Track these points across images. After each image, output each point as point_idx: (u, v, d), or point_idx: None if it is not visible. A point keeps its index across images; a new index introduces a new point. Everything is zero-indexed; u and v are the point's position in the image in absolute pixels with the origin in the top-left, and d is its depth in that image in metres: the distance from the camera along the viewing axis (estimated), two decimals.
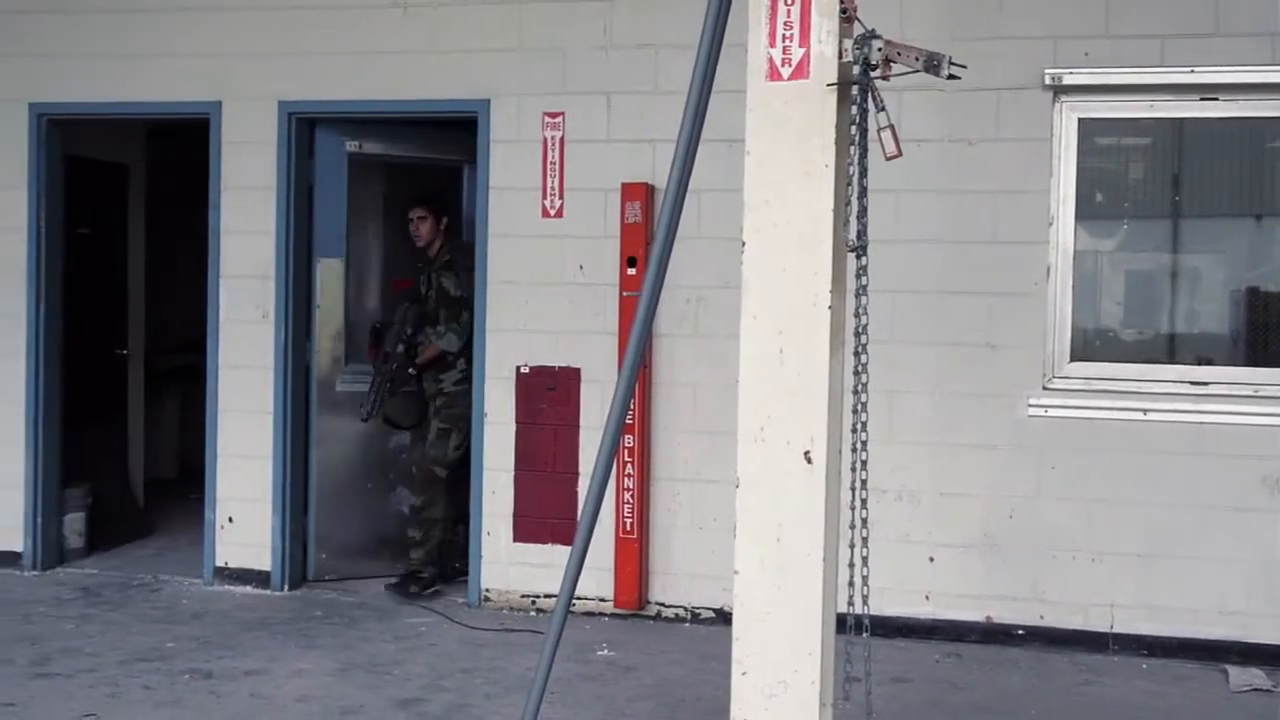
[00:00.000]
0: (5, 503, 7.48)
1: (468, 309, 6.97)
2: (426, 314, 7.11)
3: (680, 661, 5.98)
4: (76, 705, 5.20)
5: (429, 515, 7.04)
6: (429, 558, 7.04)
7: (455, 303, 7.03)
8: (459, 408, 7.03)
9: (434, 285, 7.10)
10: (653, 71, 6.59)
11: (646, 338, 3.85)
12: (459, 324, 7.01)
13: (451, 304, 7.04)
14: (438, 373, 7.09)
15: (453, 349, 7.03)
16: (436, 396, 7.10)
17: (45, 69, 7.42)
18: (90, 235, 8.14)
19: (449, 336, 7.02)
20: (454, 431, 7.05)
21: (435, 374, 7.09)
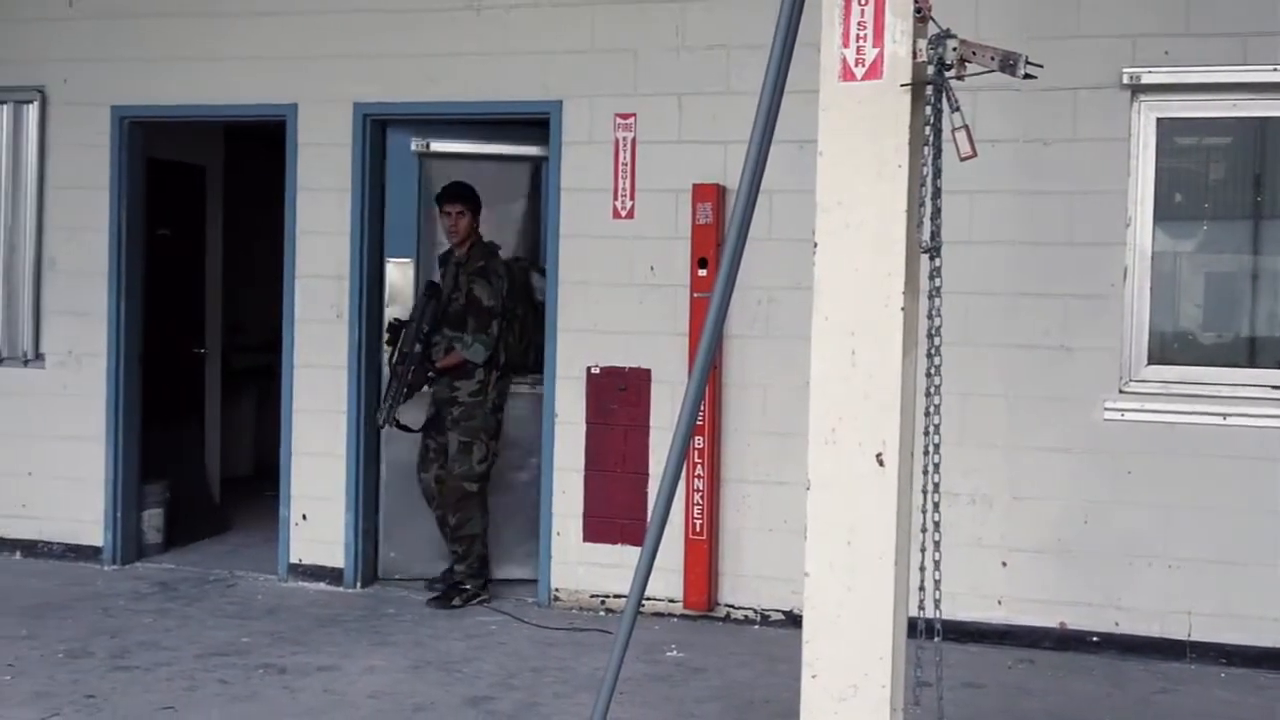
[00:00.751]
0: (87, 498, 7.63)
1: (498, 319, 6.83)
2: (449, 316, 6.86)
3: (749, 663, 5.96)
4: (154, 698, 5.29)
5: (468, 532, 6.86)
6: (471, 570, 6.89)
7: (487, 313, 6.80)
8: (478, 419, 6.84)
9: (464, 289, 6.83)
10: (724, 72, 6.58)
11: (717, 339, 3.85)
12: (487, 334, 6.80)
13: (483, 314, 6.80)
14: (453, 379, 6.86)
15: (478, 360, 6.80)
16: (451, 405, 6.87)
17: (127, 72, 7.55)
18: (169, 236, 8.28)
19: (476, 347, 6.79)
20: (476, 444, 6.84)
21: (450, 380, 6.87)
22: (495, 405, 6.92)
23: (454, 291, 6.89)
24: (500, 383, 6.94)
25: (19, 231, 7.74)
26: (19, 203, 7.74)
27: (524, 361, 7.04)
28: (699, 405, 3.79)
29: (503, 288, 6.85)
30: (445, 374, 6.86)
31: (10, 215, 7.76)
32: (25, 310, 7.74)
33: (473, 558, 6.89)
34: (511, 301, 6.93)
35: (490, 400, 6.88)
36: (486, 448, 6.89)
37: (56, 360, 7.72)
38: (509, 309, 6.90)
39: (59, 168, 7.69)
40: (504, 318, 6.86)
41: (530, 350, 7.03)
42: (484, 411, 6.86)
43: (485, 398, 6.86)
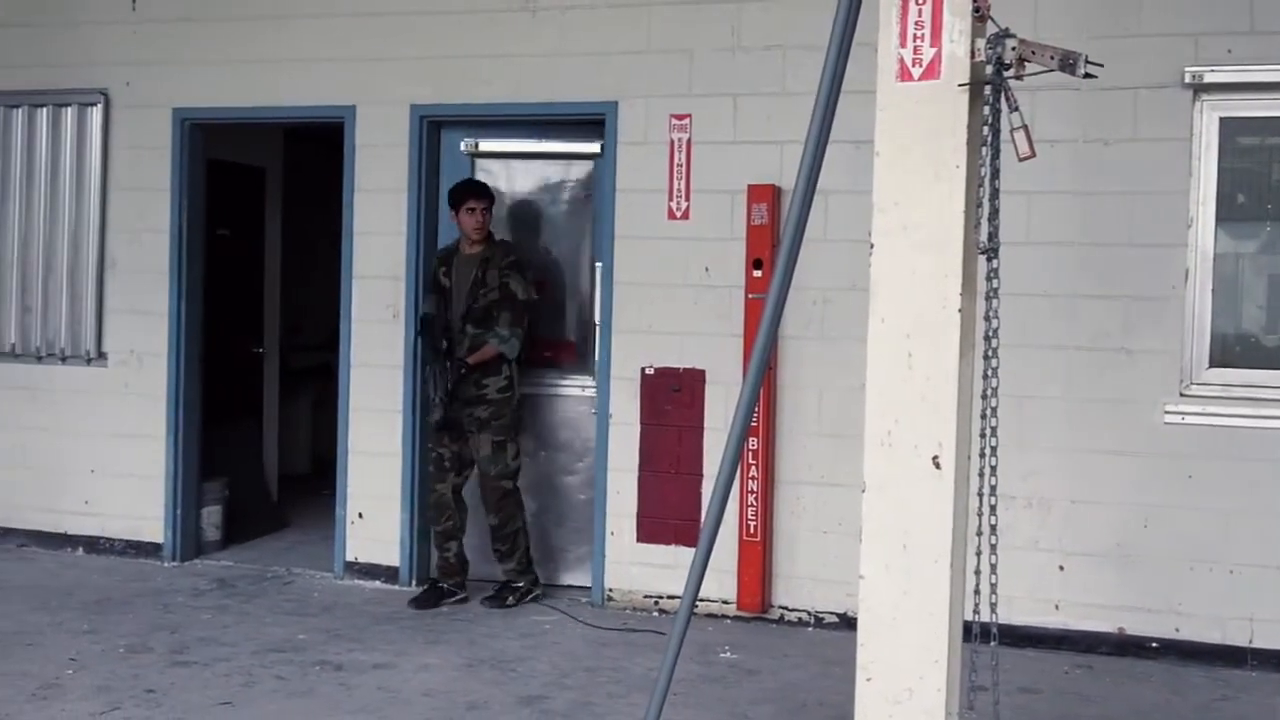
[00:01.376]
0: (148, 495, 7.73)
1: (531, 314, 6.84)
2: (474, 312, 6.74)
3: (803, 666, 5.94)
4: (213, 693, 5.35)
5: (510, 530, 6.84)
6: (521, 567, 6.88)
7: (523, 306, 6.77)
8: (507, 416, 6.80)
9: (494, 284, 6.72)
10: (780, 72, 6.57)
11: (772, 340, 3.83)
12: (523, 329, 6.78)
13: (518, 308, 6.75)
14: (481, 377, 6.75)
15: (513, 355, 6.76)
16: (478, 404, 6.76)
17: (188, 75, 7.65)
18: (229, 236, 8.38)
19: (513, 342, 6.74)
20: (509, 442, 6.81)
21: (478, 377, 6.76)
22: (519, 401, 6.90)
23: (480, 288, 6.76)
24: (520, 378, 6.91)
25: (82, 232, 7.86)
26: (83, 204, 7.86)
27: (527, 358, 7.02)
28: (754, 406, 3.78)
29: (530, 281, 6.83)
30: (473, 371, 6.75)
31: (74, 216, 7.88)
32: (88, 310, 7.86)
33: (519, 553, 6.89)
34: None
35: (517, 396, 6.86)
36: (517, 445, 6.89)
37: (118, 359, 7.83)
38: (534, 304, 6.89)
39: (121, 169, 7.80)
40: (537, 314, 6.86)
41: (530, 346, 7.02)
42: (512, 409, 6.83)
43: (513, 394, 6.82)
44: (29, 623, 6.32)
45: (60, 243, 7.91)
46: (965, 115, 3.42)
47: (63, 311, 7.92)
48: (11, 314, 8.03)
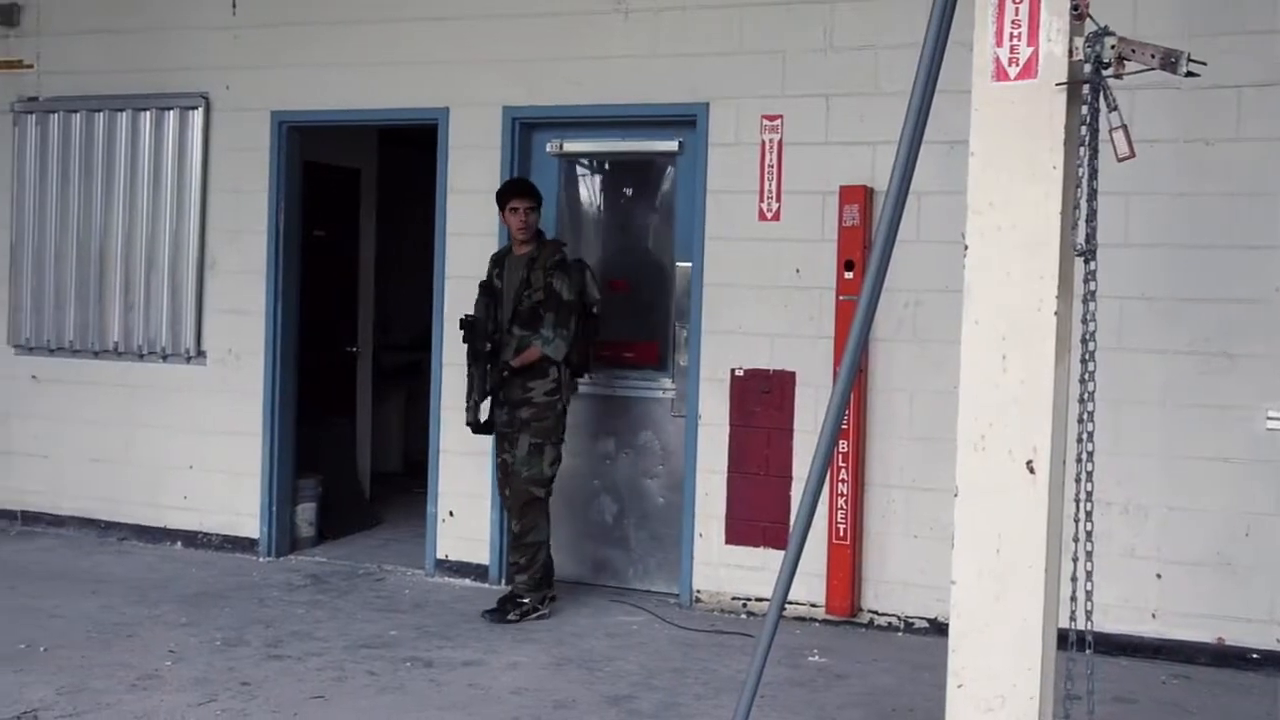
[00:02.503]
0: (244, 491, 7.87)
1: (577, 314, 6.57)
2: (520, 314, 6.58)
3: (892, 670, 5.89)
4: (306, 687, 5.43)
5: (531, 540, 6.59)
6: (533, 583, 6.60)
7: (567, 307, 6.53)
8: (549, 420, 6.58)
9: (538, 285, 6.54)
10: (873, 72, 6.52)
11: (864, 342, 3.81)
12: (568, 330, 6.53)
13: (563, 308, 6.52)
14: (527, 379, 6.57)
15: (558, 356, 6.53)
16: (522, 406, 6.58)
17: (286, 78, 7.78)
18: (324, 237, 8.51)
19: (557, 343, 6.51)
20: (547, 446, 6.58)
21: (524, 380, 6.57)
22: (564, 408, 6.66)
23: (525, 289, 6.60)
24: (571, 384, 6.73)
25: (183, 233, 8.03)
26: (184, 205, 8.03)
27: (583, 366, 6.80)
28: (845, 409, 3.76)
29: (580, 283, 6.62)
30: (519, 373, 6.59)
31: (175, 217, 8.05)
32: (188, 309, 8.02)
33: (536, 568, 6.63)
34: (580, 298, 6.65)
35: (563, 401, 6.64)
36: (556, 451, 6.65)
37: (217, 358, 7.98)
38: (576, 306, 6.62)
39: (221, 171, 7.95)
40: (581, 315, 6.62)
41: (590, 352, 6.80)
42: (555, 413, 6.60)
43: (559, 398, 6.60)
44: (129, 615, 6.47)
45: (162, 243, 8.08)
46: (1063, 115, 3.37)
47: (164, 311, 8.09)
48: (115, 313, 8.23)
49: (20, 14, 8.44)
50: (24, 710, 5.01)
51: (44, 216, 8.42)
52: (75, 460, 8.35)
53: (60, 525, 8.37)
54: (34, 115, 8.42)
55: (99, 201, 8.27)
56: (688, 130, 6.97)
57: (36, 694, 5.21)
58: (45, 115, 8.39)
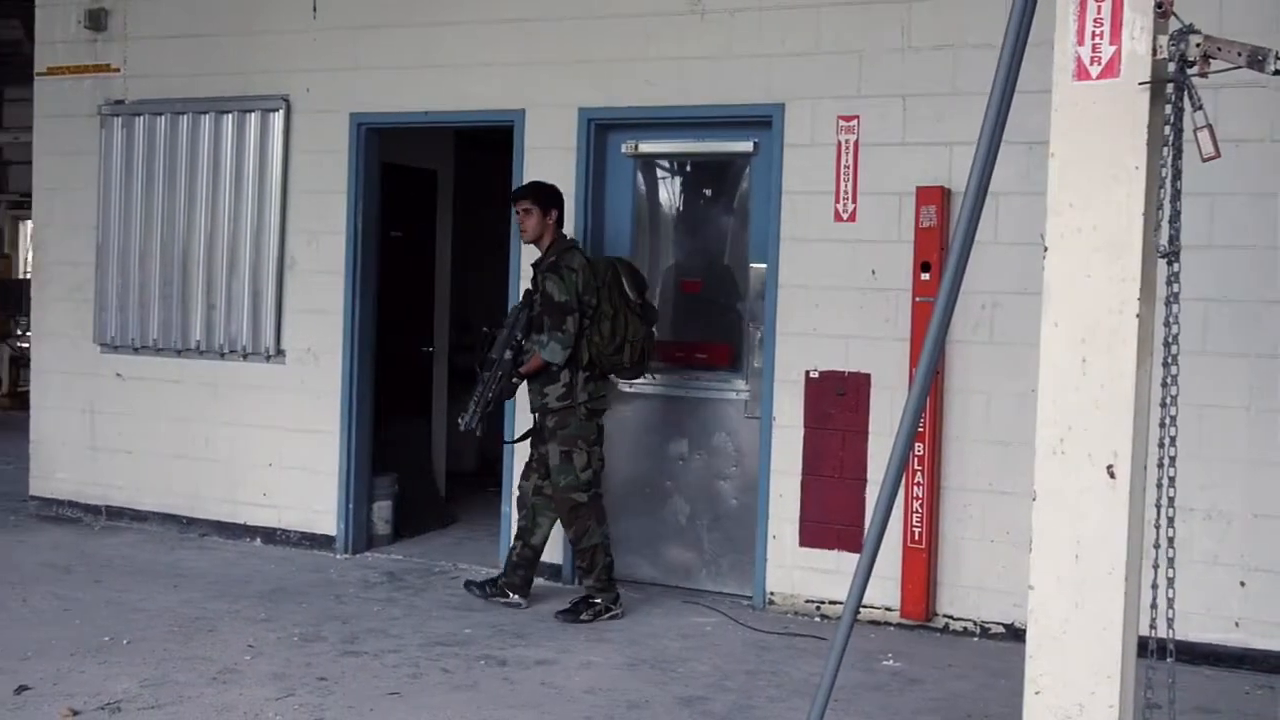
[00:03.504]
0: (322, 489, 7.97)
1: (574, 315, 6.46)
2: (533, 321, 6.59)
3: (967, 676, 5.83)
4: (382, 683, 5.48)
5: (587, 544, 6.60)
6: (601, 584, 6.62)
7: (560, 309, 6.43)
8: (572, 425, 6.53)
9: (538, 288, 6.57)
10: (951, 72, 6.46)
11: (941, 344, 3.77)
12: (563, 332, 6.42)
13: (555, 310, 6.43)
14: (542, 385, 6.56)
15: (555, 360, 6.44)
16: (545, 414, 6.58)
17: (364, 81, 7.87)
18: (401, 238, 8.58)
19: (551, 346, 6.42)
20: (575, 452, 6.54)
21: (540, 386, 6.57)
22: (590, 410, 6.57)
23: (533, 294, 6.64)
24: (590, 385, 6.57)
25: (264, 233, 8.14)
26: (264, 206, 8.14)
27: (619, 363, 6.59)
28: (921, 411, 3.72)
29: (577, 282, 6.47)
30: (530, 379, 6.60)
31: (256, 218, 8.16)
32: (268, 309, 8.13)
33: (599, 569, 6.62)
34: (594, 298, 6.51)
35: (581, 404, 6.54)
36: (588, 455, 6.58)
37: (296, 356, 8.09)
38: (589, 305, 6.50)
39: (301, 173, 8.06)
40: (583, 314, 6.48)
41: (627, 351, 6.58)
42: (577, 417, 6.54)
43: (574, 401, 6.53)
44: (209, 609, 6.57)
45: (243, 244, 8.20)
46: (1146, 115, 3.32)
47: (245, 310, 8.21)
48: (198, 312, 8.36)
49: (108, 19, 8.61)
50: (108, 701, 5.11)
51: (129, 218, 8.59)
52: (158, 457, 8.50)
53: (143, 520, 8.52)
54: (120, 118, 8.59)
55: (182, 203, 8.41)
56: (763, 131, 6.96)
57: (120, 685, 5.31)
58: (131, 118, 8.55)
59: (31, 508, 8.92)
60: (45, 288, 9.04)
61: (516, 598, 6.79)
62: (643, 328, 6.64)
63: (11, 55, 15.35)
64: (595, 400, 6.61)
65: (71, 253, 8.82)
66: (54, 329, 8.95)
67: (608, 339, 6.51)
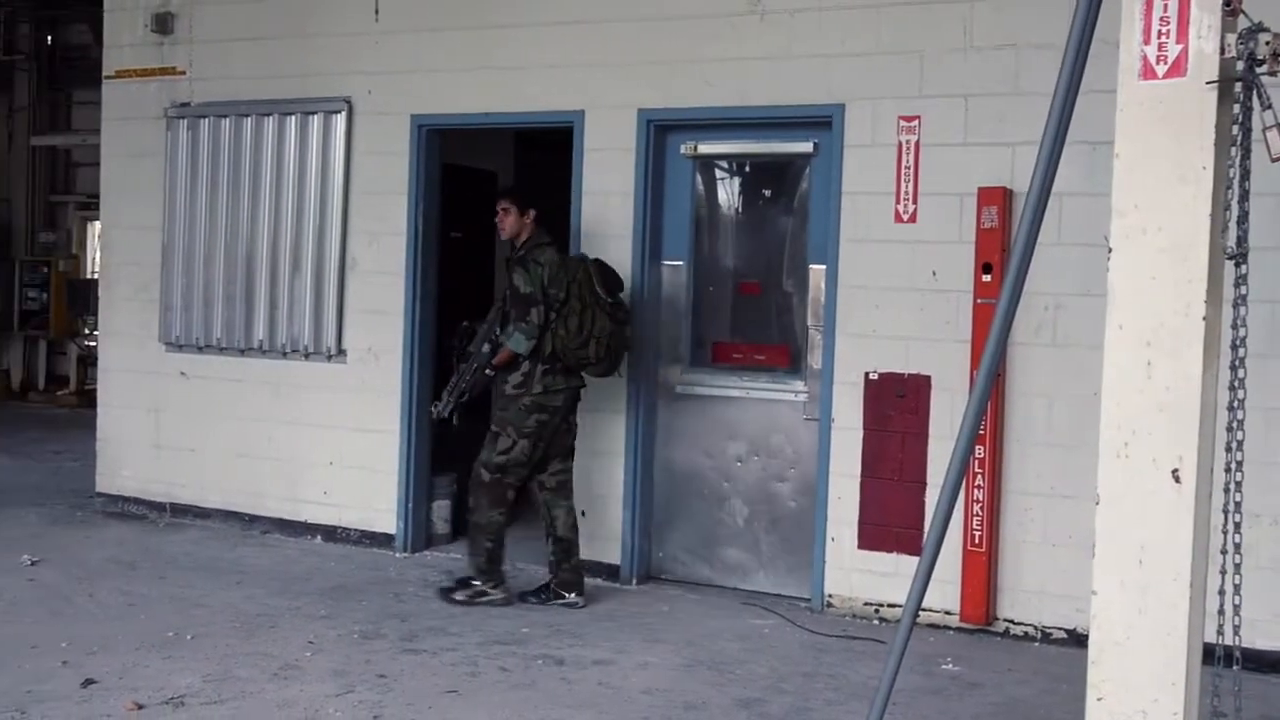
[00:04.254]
0: (382, 488, 8.03)
1: (538, 306, 6.59)
2: (505, 313, 6.80)
3: (1028, 681, 5.78)
4: (440, 681, 5.52)
5: (475, 520, 6.81)
6: (480, 566, 6.79)
7: (524, 300, 6.61)
8: (511, 411, 6.70)
9: (510, 282, 6.77)
10: (1013, 72, 6.41)
11: (1003, 346, 3.74)
12: (527, 323, 6.58)
13: (520, 301, 6.62)
14: (506, 374, 6.75)
15: (520, 349, 6.61)
16: (500, 397, 6.81)
17: (425, 82, 7.92)
18: (461, 238, 8.63)
19: (516, 336, 6.61)
20: (502, 435, 6.71)
21: (505, 375, 6.76)
22: (536, 404, 6.68)
23: (507, 289, 6.82)
24: (547, 378, 6.69)
25: (326, 234, 8.22)
26: (327, 207, 8.22)
27: (584, 358, 6.67)
28: (982, 414, 3.70)
29: (543, 275, 6.62)
30: (506, 371, 6.75)
31: (319, 219, 8.24)
32: (330, 309, 8.21)
33: (478, 551, 6.79)
34: (562, 292, 6.63)
35: (531, 395, 6.67)
36: (513, 442, 6.70)
37: (356, 356, 8.15)
38: (556, 298, 6.62)
39: (362, 174, 8.13)
40: (549, 307, 6.61)
41: (592, 346, 6.64)
42: (519, 406, 6.68)
43: (525, 391, 6.67)
44: (271, 606, 6.64)
45: (306, 244, 8.29)
46: (1213, 114, 3.27)
47: (307, 310, 8.29)
48: (260, 312, 8.46)
49: (174, 22, 8.72)
50: (172, 696, 5.18)
51: (194, 218, 8.70)
52: (221, 455, 8.60)
53: (206, 517, 8.63)
54: (185, 120, 8.70)
55: (245, 204, 8.51)
56: (823, 131, 6.93)
57: (184, 680, 5.38)
58: (196, 120, 8.67)
59: (98, 504, 9.06)
60: (112, 288, 9.18)
61: (573, 596, 6.84)
62: (610, 325, 6.70)
63: (80, 59, 15.63)
64: (548, 395, 6.71)
65: (137, 253, 8.95)
66: (120, 328, 9.09)
67: (573, 333, 6.60)
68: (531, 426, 6.71)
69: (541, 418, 6.72)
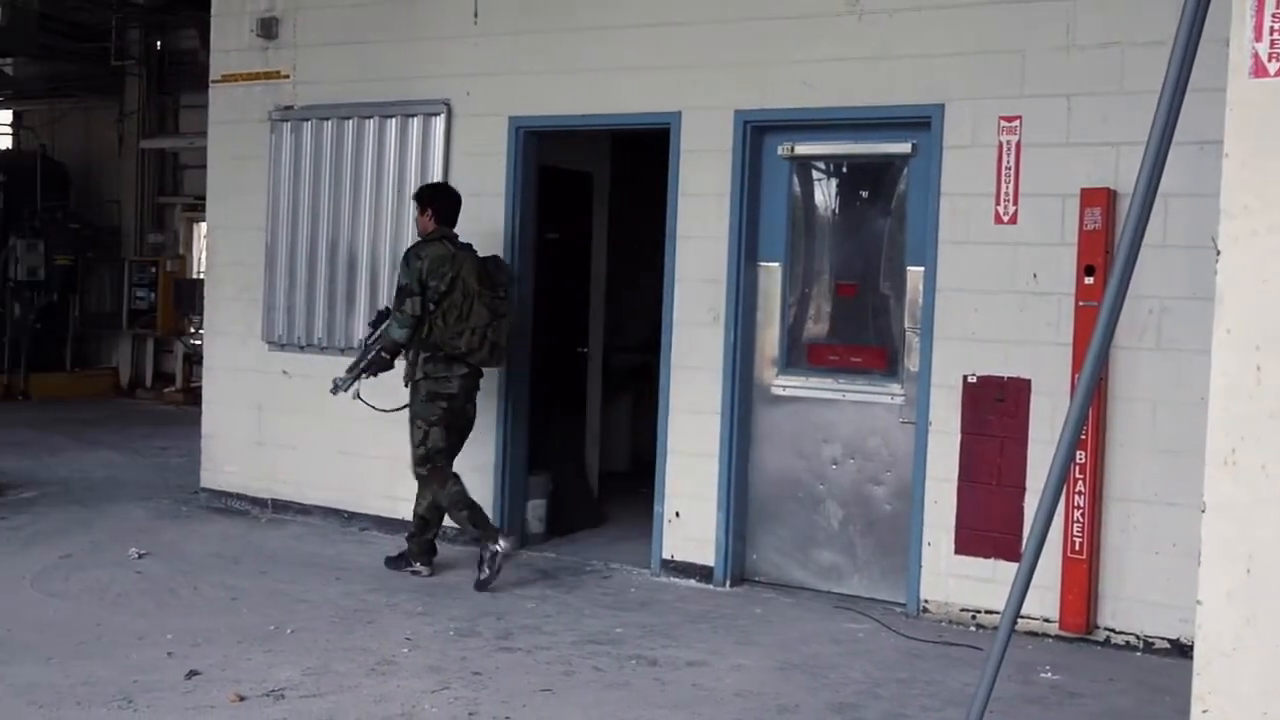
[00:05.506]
0: (479, 486, 7.98)
1: (415, 297, 6.96)
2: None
3: (1129, 692, 5.67)
4: (534, 680, 5.55)
5: (442, 505, 7.17)
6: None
7: (401, 291, 7.03)
8: (415, 403, 7.11)
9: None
10: (1118, 71, 6.29)
11: (1106, 350, 3.68)
12: (401, 313, 6.99)
13: (398, 292, 7.07)
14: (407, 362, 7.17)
15: (396, 337, 7.04)
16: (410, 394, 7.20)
17: (523, 84, 7.98)
18: (558, 240, 8.68)
19: (392, 325, 7.06)
20: (414, 428, 7.12)
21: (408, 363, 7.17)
22: (433, 393, 7.07)
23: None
24: (429, 365, 7.06)
25: None
26: None
27: (458, 348, 7.04)
28: (1084, 419, 3.64)
29: (423, 268, 6.97)
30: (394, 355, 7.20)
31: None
32: None
33: (464, 525, 7.22)
34: (443, 285, 6.98)
35: (422, 384, 7.07)
36: (425, 432, 7.09)
37: None
38: (437, 290, 6.97)
39: (460, 175, 8.19)
40: (426, 298, 6.97)
41: (467, 336, 7.02)
42: (419, 397, 7.09)
43: (413, 378, 7.09)
44: (369, 602, 6.74)
45: (405, 245, 8.29)
46: None
47: None
48: (360, 312, 8.57)
49: (278, 27, 8.88)
50: (273, 688, 5.28)
51: (296, 219, 8.85)
52: (321, 452, 8.73)
53: (307, 514, 8.77)
54: (289, 123, 8.85)
55: (346, 205, 8.63)
56: (922, 132, 6.86)
57: (284, 674, 5.48)
58: (299, 123, 8.81)
59: (202, 499, 9.25)
60: (217, 287, 9.37)
61: (420, 566, 7.32)
62: (489, 317, 7.07)
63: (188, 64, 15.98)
64: (438, 382, 7.09)
65: (242, 253, 9.13)
66: (225, 327, 9.27)
67: (451, 324, 7.01)
68: (438, 414, 7.12)
69: (444, 404, 7.13)
